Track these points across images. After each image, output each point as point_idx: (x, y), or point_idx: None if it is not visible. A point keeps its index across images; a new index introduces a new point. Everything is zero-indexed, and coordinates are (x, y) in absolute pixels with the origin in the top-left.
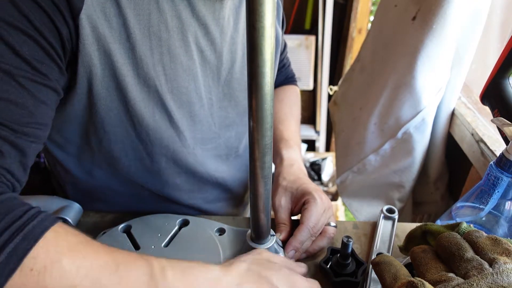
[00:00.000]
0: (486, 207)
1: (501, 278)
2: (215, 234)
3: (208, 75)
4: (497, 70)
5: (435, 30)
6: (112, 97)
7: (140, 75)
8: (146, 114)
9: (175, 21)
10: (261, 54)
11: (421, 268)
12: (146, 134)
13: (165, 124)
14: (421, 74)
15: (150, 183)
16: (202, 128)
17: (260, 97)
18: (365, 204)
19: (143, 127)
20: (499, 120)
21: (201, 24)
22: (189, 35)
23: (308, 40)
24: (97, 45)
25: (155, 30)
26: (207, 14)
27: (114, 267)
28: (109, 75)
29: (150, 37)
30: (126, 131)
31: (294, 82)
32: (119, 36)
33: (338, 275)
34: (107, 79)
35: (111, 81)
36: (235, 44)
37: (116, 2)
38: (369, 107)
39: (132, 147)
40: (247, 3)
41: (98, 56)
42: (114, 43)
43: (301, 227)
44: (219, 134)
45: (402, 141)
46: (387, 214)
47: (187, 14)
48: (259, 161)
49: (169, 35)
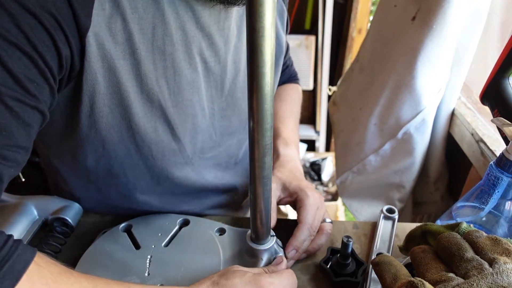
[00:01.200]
0: (486, 207)
1: (501, 278)
2: (215, 234)
3: (212, 86)
4: (497, 70)
5: (435, 30)
6: (115, 114)
7: (143, 90)
8: (149, 129)
9: (179, 33)
10: (261, 55)
11: (421, 268)
12: (148, 149)
13: (168, 137)
14: (421, 74)
15: (146, 196)
16: (203, 138)
17: (260, 97)
18: (365, 204)
19: (145, 142)
20: (499, 120)
21: (205, 35)
22: (193, 47)
23: (308, 40)
24: (102, 62)
25: (159, 44)
26: (212, 24)
27: None
28: (112, 92)
29: (154, 51)
30: (126, 148)
31: (297, 81)
32: (123, 51)
33: (338, 275)
34: (109, 96)
35: (114, 98)
36: (239, 54)
37: (121, 16)
38: (369, 107)
39: (131, 164)
40: (247, 4)
41: (103, 73)
42: (119, 59)
43: (300, 226)
44: (220, 142)
45: (402, 142)
46: (387, 214)
47: (191, 25)
48: (259, 161)
49: (173, 48)
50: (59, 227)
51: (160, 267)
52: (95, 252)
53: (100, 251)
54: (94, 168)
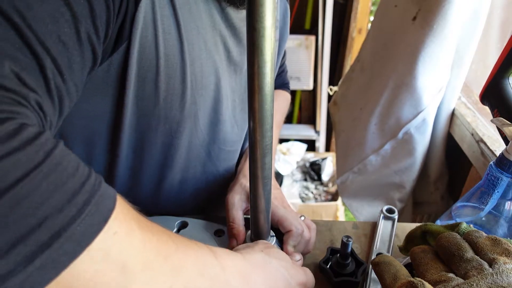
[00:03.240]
0: (486, 207)
1: (501, 278)
2: (213, 235)
3: (232, 75)
4: (497, 70)
5: (436, 30)
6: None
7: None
8: (176, 107)
9: (208, 18)
10: (262, 55)
11: (421, 268)
12: (171, 128)
13: (190, 118)
14: (421, 74)
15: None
16: (224, 129)
17: (260, 97)
18: (365, 204)
19: (169, 119)
20: (499, 120)
21: (229, 26)
22: (217, 34)
23: (308, 40)
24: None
25: (197, 24)
26: (235, 17)
27: (174, 246)
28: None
29: (192, 30)
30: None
31: (287, 89)
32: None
33: (338, 275)
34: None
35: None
36: None
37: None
38: (370, 107)
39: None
40: (247, 4)
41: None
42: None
43: (290, 233)
44: (241, 136)
45: (403, 142)
46: (387, 214)
47: (216, 14)
48: (259, 161)
49: (205, 31)
50: None
51: None
52: None
53: None
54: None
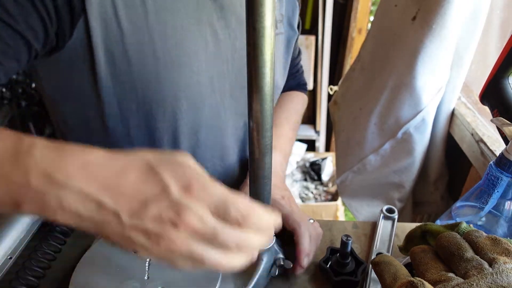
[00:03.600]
0: (486, 207)
1: (501, 278)
2: None
3: (218, 59)
4: (497, 69)
5: (435, 30)
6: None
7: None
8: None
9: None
10: (261, 55)
11: (421, 268)
12: (152, 110)
13: (170, 100)
14: (421, 74)
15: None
16: (210, 114)
17: (260, 97)
18: (365, 204)
19: (147, 99)
20: (499, 120)
21: (218, 7)
22: (203, 15)
23: (308, 40)
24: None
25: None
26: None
27: None
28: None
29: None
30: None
31: (304, 90)
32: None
33: (338, 274)
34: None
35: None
36: None
37: None
38: (369, 107)
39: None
40: (247, 4)
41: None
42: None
43: (300, 232)
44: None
45: (402, 141)
46: (387, 214)
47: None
48: (259, 161)
49: (186, 10)
50: (59, 227)
51: (160, 270)
52: (93, 256)
53: (99, 254)
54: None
